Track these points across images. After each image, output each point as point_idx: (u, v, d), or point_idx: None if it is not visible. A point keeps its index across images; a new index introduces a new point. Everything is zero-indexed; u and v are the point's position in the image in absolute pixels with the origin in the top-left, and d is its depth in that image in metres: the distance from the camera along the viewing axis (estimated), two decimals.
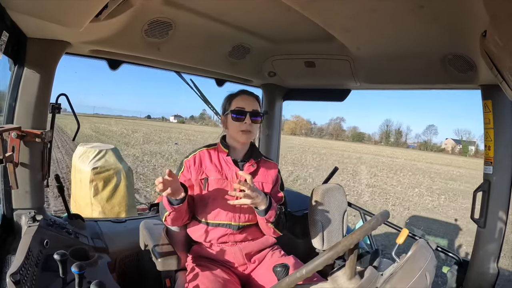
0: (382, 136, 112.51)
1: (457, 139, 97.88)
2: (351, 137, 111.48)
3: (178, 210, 1.63)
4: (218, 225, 1.75)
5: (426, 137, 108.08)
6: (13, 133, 1.57)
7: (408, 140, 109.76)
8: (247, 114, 1.77)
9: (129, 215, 5.30)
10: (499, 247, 1.94)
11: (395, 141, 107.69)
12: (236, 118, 1.78)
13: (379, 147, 73.35)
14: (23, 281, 1.23)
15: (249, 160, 1.85)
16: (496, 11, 0.88)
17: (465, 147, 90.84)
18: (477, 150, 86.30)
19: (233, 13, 1.82)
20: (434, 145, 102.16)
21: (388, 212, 1.34)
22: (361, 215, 2.62)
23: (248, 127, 1.77)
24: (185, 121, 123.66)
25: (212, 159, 1.81)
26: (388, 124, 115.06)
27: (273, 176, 1.89)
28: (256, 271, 1.82)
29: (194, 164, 1.79)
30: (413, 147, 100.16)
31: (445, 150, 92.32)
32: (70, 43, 1.76)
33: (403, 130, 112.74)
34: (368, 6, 1.44)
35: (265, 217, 1.67)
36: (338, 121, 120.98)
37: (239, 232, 1.77)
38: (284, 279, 1.14)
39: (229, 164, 1.80)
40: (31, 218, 1.67)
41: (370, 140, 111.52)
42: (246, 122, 1.77)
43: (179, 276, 1.81)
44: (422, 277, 1.16)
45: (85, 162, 5.38)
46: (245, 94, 1.86)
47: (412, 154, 50.74)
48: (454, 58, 1.78)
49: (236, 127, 1.78)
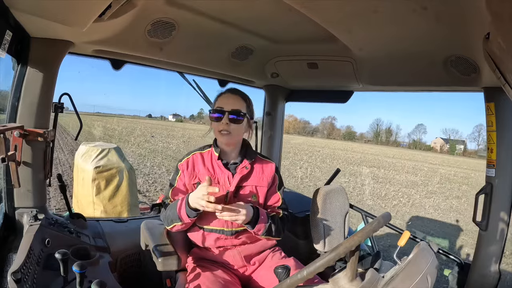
0: (375, 135, 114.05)
1: (446, 138, 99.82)
2: (342, 136, 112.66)
3: (193, 221, 1.63)
4: (212, 231, 1.73)
5: (415, 136, 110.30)
6: (16, 132, 1.57)
7: (398, 138, 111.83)
8: (225, 114, 1.68)
9: (131, 214, 5.31)
10: (501, 250, 1.93)
11: (385, 140, 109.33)
12: (213, 118, 1.71)
13: (370, 146, 74.87)
14: (24, 279, 1.23)
15: (242, 161, 1.78)
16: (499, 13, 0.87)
17: (453, 146, 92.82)
18: (465, 149, 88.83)
19: (236, 14, 1.81)
20: (424, 144, 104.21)
21: (390, 214, 1.34)
22: (363, 217, 2.62)
23: (225, 127, 1.68)
24: (183, 119, 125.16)
25: (205, 162, 1.77)
26: (378, 123, 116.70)
27: (269, 177, 1.81)
28: (257, 272, 1.81)
29: (187, 168, 1.75)
30: (404, 146, 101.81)
31: (433, 148, 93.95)
32: (73, 43, 1.76)
33: (393, 129, 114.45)
34: (371, 7, 1.43)
35: (253, 231, 1.63)
36: (329, 120, 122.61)
37: (234, 237, 1.74)
38: (285, 280, 1.15)
39: (221, 167, 1.75)
40: (33, 217, 1.67)
41: (362, 139, 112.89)
42: (222, 122, 1.68)
43: (180, 276, 1.81)
44: (423, 280, 1.16)
45: (87, 161, 5.38)
46: (228, 93, 1.78)
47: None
48: (457, 60, 1.78)
49: (215, 127, 1.71)
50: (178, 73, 2.52)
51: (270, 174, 1.82)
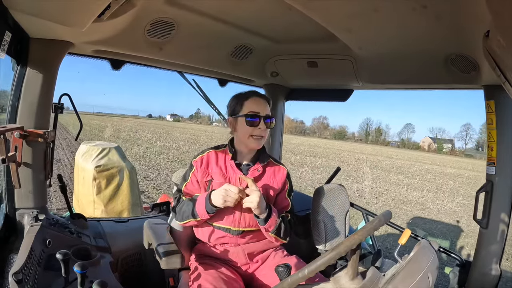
0: (365, 134, 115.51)
1: (434, 137, 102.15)
2: (333, 135, 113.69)
3: (207, 218, 1.66)
4: (219, 228, 1.74)
5: (404, 136, 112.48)
6: (16, 133, 1.57)
7: (387, 138, 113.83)
8: (261, 119, 1.72)
9: (133, 214, 5.31)
10: (501, 248, 1.93)
11: (374, 139, 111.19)
12: (250, 122, 1.71)
13: (360, 145, 75.76)
14: (25, 280, 1.24)
15: (255, 163, 1.80)
16: (499, 11, 0.87)
17: (440, 145, 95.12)
18: (452, 148, 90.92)
19: (235, 13, 1.81)
20: (413, 143, 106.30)
21: (391, 212, 1.34)
22: (364, 215, 2.62)
23: (262, 133, 1.72)
24: (180, 119, 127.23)
25: (218, 161, 1.78)
26: (368, 123, 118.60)
27: (280, 181, 1.82)
28: (259, 270, 1.82)
29: (201, 165, 1.77)
30: (394, 145, 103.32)
31: (421, 147, 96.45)
32: (73, 43, 1.76)
33: (382, 128, 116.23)
34: (371, 6, 1.43)
35: (265, 226, 1.64)
36: (321, 120, 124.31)
37: (240, 236, 1.75)
38: (286, 279, 1.15)
39: (233, 168, 1.76)
40: (33, 218, 1.67)
41: (353, 138, 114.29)
42: (260, 128, 1.71)
43: (183, 275, 1.82)
44: (424, 278, 1.16)
45: (88, 160, 5.36)
46: (258, 97, 1.79)
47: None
48: (457, 58, 1.78)
49: (248, 132, 1.72)
50: (178, 72, 2.52)
51: (281, 179, 1.83)
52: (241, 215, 1.71)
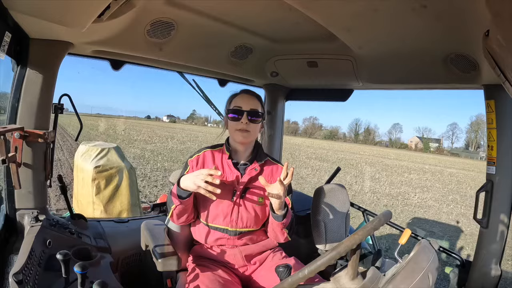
0: (354, 134, 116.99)
1: (420, 137, 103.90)
2: (323, 136, 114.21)
3: (186, 204, 1.62)
4: (216, 229, 1.73)
5: (392, 135, 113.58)
6: (16, 134, 1.57)
7: (376, 137, 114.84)
8: (244, 113, 1.73)
9: (132, 214, 5.30)
10: (501, 248, 1.93)
11: (364, 139, 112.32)
12: (233, 117, 1.75)
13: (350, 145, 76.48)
14: (25, 280, 1.24)
15: (252, 163, 1.80)
16: (499, 11, 0.87)
17: (426, 144, 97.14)
18: (439, 147, 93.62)
19: (235, 13, 1.81)
20: (402, 142, 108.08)
21: (391, 212, 1.34)
22: (364, 215, 2.62)
23: (244, 126, 1.73)
24: (176, 120, 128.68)
25: (215, 160, 1.79)
26: (357, 123, 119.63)
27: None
28: (257, 272, 1.81)
29: (197, 164, 1.77)
30: (386, 145, 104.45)
31: (408, 146, 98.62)
32: (73, 44, 1.76)
33: (371, 128, 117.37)
34: (370, 6, 1.43)
35: (283, 222, 1.63)
36: (312, 120, 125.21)
37: (237, 237, 1.74)
38: (286, 279, 1.15)
39: (231, 167, 1.77)
40: (33, 218, 1.67)
41: (343, 138, 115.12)
42: (242, 122, 1.73)
43: (180, 277, 1.82)
44: (424, 278, 1.16)
45: (87, 160, 5.36)
46: (244, 93, 1.82)
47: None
48: (457, 58, 1.77)
49: (233, 126, 1.75)
50: (178, 73, 2.52)
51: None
52: (239, 216, 1.71)
